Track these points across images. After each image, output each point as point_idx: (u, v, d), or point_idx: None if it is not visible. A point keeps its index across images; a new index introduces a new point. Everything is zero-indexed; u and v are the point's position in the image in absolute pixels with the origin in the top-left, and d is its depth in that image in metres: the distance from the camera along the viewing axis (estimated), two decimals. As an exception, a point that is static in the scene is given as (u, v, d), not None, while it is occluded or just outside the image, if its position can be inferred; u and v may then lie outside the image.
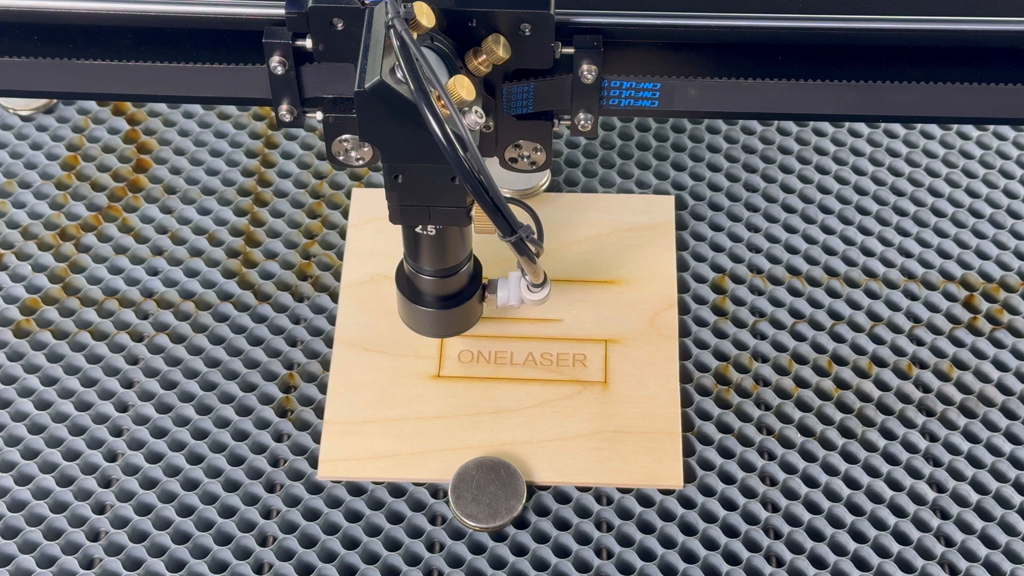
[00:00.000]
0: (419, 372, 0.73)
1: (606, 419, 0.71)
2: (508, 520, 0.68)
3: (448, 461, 0.70)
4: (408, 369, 0.73)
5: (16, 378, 0.74)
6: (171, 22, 0.62)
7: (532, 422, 0.72)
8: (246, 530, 0.69)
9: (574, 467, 0.70)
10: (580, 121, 0.63)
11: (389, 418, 0.71)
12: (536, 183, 0.80)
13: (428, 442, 0.71)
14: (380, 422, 0.71)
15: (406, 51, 0.52)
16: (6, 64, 0.63)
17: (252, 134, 0.84)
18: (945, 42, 0.62)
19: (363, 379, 0.73)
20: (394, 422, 0.71)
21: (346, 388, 0.72)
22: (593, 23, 0.61)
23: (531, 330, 0.75)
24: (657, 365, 0.73)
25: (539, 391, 0.73)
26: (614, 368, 0.73)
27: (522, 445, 0.71)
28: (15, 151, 0.83)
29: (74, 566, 0.67)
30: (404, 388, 0.73)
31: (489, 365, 0.74)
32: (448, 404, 0.72)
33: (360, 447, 0.70)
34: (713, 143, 0.84)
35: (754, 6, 0.62)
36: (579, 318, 0.75)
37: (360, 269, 0.77)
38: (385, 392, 0.72)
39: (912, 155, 0.84)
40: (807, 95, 0.63)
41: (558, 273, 0.76)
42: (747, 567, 0.67)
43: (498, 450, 0.70)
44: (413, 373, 0.73)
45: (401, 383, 0.73)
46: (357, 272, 0.76)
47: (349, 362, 0.73)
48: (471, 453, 0.70)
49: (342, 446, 0.70)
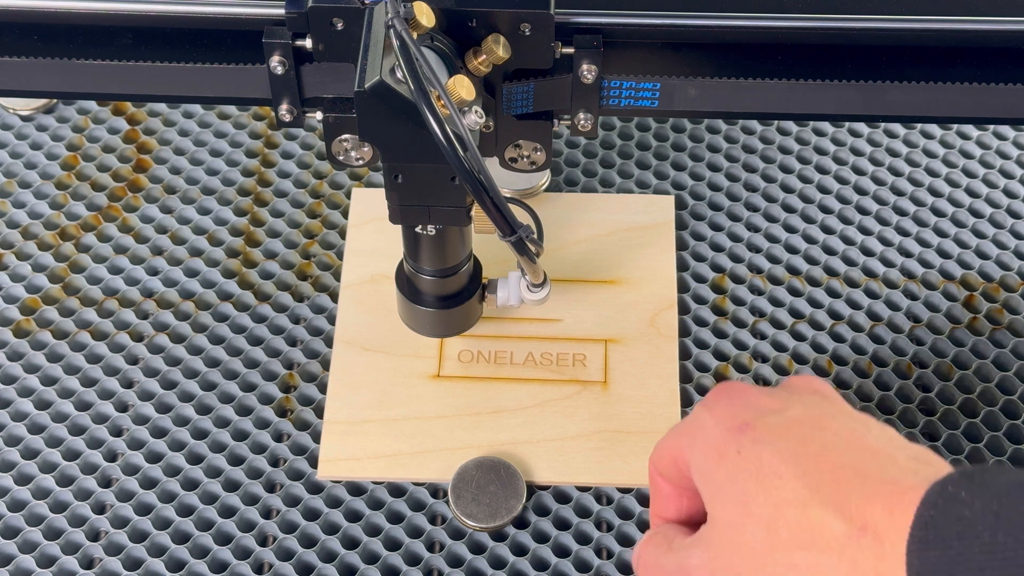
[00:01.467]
0: (419, 372, 0.73)
1: (606, 419, 0.71)
2: (508, 520, 0.68)
3: (448, 461, 0.70)
4: (408, 369, 0.73)
5: (16, 378, 0.74)
6: (171, 22, 0.62)
7: (532, 422, 0.72)
8: (246, 530, 0.69)
9: (574, 467, 0.70)
10: (580, 121, 0.63)
11: (389, 418, 0.72)
12: (536, 183, 0.80)
13: (428, 442, 0.71)
14: (380, 422, 0.71)
15: (406, 51, 0.52)
16: (6, 64, 0.63)
17: (252, 134, 0.84)
18: (945, 42, 0.62)
19: (363, 379, 0.73)
20: (394, 422, 0.71)
21: (346, 388, 0.72)
22: (593, 23, 0.61)
23: (531, 330, 0.75)
24: (657, 365, 0.73)
25: (539, 391, 0.73)
26: (614, 368, 0.73)
27: (522, 445, 0.71)
28: (15, 151, 0.83)
29: (74, 566, 0.67)
30: (404, 388, 0.73)
31: (489, 365, 0.74)
32: (448, 404, 0.72)
33: (360, 447, 0.70)
34: (713, 143, 0.84)
35: (754, 6, 0.62)
36: (579, 318, 0.75)
37: (360, 269, 0.77)
38: (385, 392, 0.72)
39: (912, 155, 0.84)
40: (807, 95, 0.63)
41: (558, 273, 0.76)
42: (747, 567, 0.67)
43: (498, 450, 0.70)
44: (413, 373, 0.73)
45: (401, 383, 0.73)
46: (357, 272, 0.76)
47: (349, 362, 0.73)
48: (471, 453, 0.70)
49: (342, 446, 0.70)
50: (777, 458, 0.49)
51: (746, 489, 0.49)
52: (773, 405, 0.52)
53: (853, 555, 0.46)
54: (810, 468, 0.48)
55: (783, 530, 0.48)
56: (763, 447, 0.50)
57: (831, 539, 0.47)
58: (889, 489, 0.47)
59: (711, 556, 0.51)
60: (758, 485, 0.49)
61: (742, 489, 0.50)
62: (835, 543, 0.47)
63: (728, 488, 0.50)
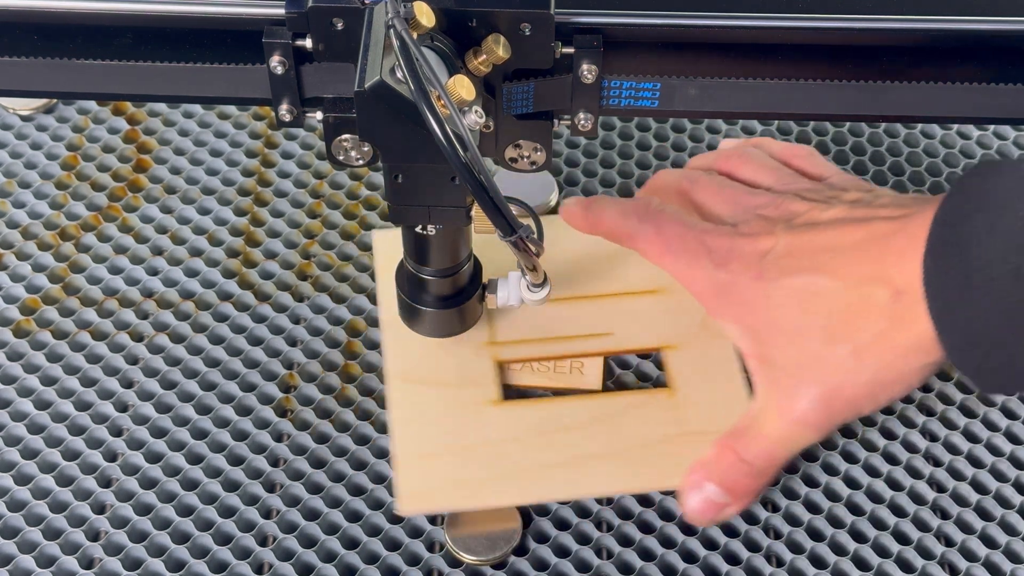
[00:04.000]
0: (480, 398, 0.72)
1: (679, 423, 0.70)
2: (508, 550, 0.67)
3: (530, 482, 0.69)
4: (468, 397, 0.72)
5: (16, 378, 0.74)
6: (171, 22, 0.62)
7: (605, 434, 0.70)
8: (246, 530, 0.69)
9: (656, 473, 0.69)
10: (580, 121, 0.63)
11: (461, 446, 0.70)
12: (546, 198, 0.79)
13: (505, 466, 0.69)
14: (453, 452, 0.69)
15: (406, 51, 0.52)
16: (6, 64, 0.63)
17: (252, 134, 0.84)
18: (945, 42, 0.62)
19: (426, 412, 0.71)
20: (466, 450, 0.69)
21: (411, 422, 0.71)
22: (593, 23, 0.61)
23: (584, 346, 0.74)
24: (718, 365, 0.72)
25: (606, 403, 0.71)
26: (677, 374, 0.72)
27: (598, 459, 0.69)
28: (15, 151, 0.83)
29: (74, 566, 0.67)
30: (468, 416, 0.71)
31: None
32: (516, 426, 0.70)
33: (439, 477, 0.69)
34: (713, 143, 0.84)
35: (754, 6, 0.62)
36: (629, 329, 0.74)
37: (395, 306, 0.73)
38: (451, 422, 0.71)
39: (912, 155, 0.84)
40: (807, 95, 0.63)
41: (598, 288, 0.75)
42: (747, 567, 0.67)
43: (578, 467, 0.69)
44: (474, 400, 0.72)
45: (464, 411, 0.71)
46: (392, 311, 0.73)
47: (407, 397, 0.72)
48: (548, 472, 0.68)
49: (420, 478, 0.68)
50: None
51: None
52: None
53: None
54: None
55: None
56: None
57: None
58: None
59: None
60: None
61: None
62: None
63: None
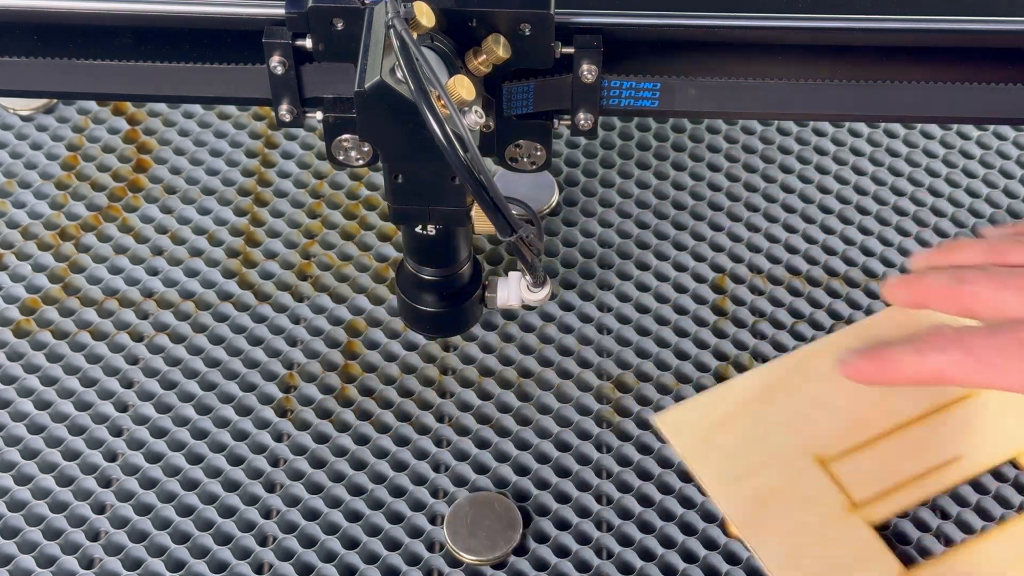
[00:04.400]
0: (832, 505, 0.67)
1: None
2: (508, 550, 0.67)
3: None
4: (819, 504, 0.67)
5: (16, 378, 0.74)
6: (171, 22, 0.62)
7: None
8: (246, 530, 0.69)
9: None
10: (580, 121, 0.63)
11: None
12: (546, 198, 0.79)
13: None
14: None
15: (406, 51, 0.52)
16: (6, 64, 0.63)
17: (252, 134, 0.84)
18: (945, 42, 0.62)
19: (781, 531, 0.66)
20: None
21: (786, 556, 0.66)
22: (593, 23, 0.61)
23: (943, 479, 0.69)
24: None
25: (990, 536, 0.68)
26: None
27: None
28: (15, 151, 0.83)
29: (74, 566, 0.67)
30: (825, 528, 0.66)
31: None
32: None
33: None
34: (713, 143, 0.84)
35: (754, 6, 0.62)
36: (974, 447, 0.69)
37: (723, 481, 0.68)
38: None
39: (912, 155, 0.84)
40: (807, 95, 0.63)
41: (909, 410, 0.69)
42: (747, 567, 0.67)
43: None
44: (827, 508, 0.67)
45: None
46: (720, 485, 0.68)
47: (754, 518, 0.67)
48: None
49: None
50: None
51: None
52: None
53: None
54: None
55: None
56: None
57: None
58: None
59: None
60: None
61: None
62: None
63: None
